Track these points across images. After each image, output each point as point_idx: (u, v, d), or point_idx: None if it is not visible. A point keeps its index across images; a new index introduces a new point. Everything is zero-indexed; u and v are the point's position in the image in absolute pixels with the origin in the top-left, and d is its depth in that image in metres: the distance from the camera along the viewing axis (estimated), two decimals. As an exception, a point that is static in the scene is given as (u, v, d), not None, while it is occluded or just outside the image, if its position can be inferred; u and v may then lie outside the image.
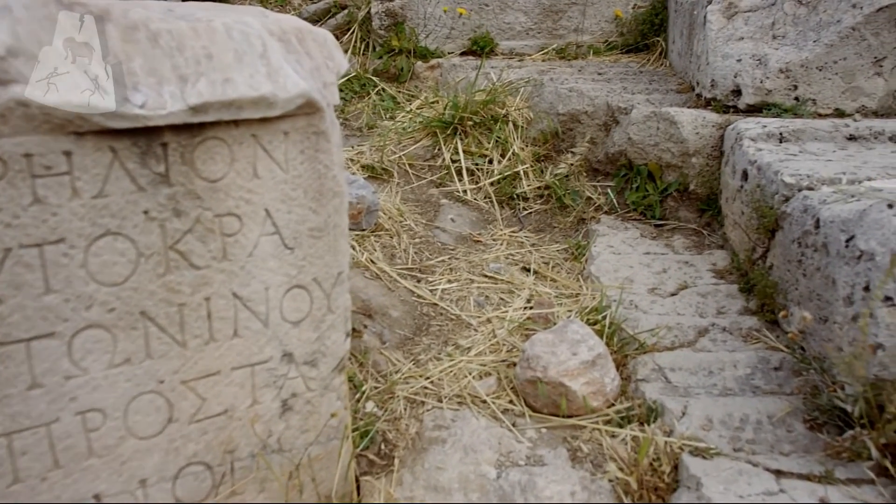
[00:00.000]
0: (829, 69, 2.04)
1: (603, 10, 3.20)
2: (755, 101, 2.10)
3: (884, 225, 1.22)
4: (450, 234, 2.37)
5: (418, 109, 3.07)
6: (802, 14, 2.08)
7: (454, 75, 3.15)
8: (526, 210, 2.52)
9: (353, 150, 2.72)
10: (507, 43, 3.25)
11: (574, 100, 2.58)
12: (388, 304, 1.90)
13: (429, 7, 3.23)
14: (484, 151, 2.69)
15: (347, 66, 1.30)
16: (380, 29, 3.29)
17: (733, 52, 2.14)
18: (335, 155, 1.17)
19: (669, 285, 1.91)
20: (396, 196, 2.53)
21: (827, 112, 2.07)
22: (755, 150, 1.87)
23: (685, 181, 2.21)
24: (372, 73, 3.28)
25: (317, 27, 1.29)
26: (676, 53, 2.83)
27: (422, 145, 2.79)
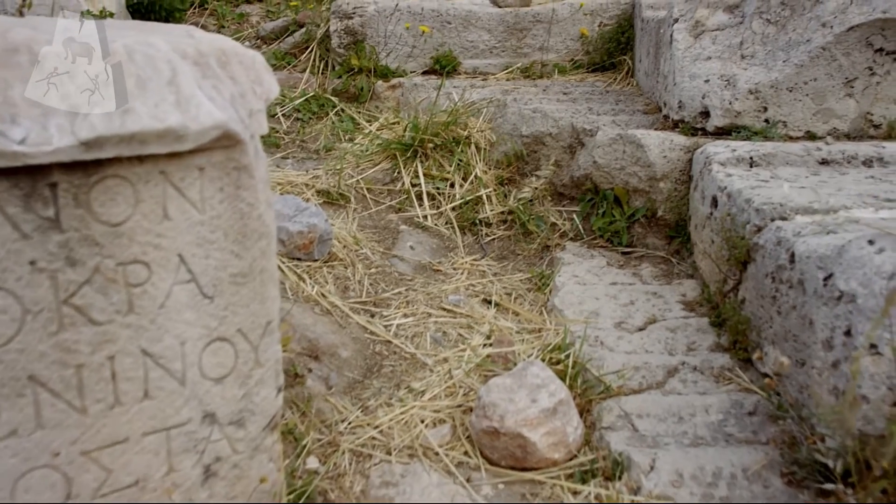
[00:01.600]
0: (799, 90, 1.96)
1: (568, 29, 3.11)
2: (724, 123, 2.01)
3: (865, 263, 1.12)
4: (408, 264, 2.25)
5: (378, 131, 2.95)
6: (771, 33, 2.00)
7: (416, 95, 3.04)
8: (488, 237, 2.41)
9: (309, 174, 2.60)
10: (471, 62, 3.15)
11: (538, 121, 2.48)
12: (337, 343, 1.77)
13: (389, 25, 3.13)
14: (445, 175, 2.58)
15: (278, 91, 1.17)
16: (339, 47, 3.18)
17: (701, 73, 2.05)
18: (260, 192, 1.05)
19: (637, 319, 1.80)
20: (353, 223, 2.40)
21: (798, 134, 1.99)
22: (725, 176, 1.77)
23: (653, 207, 2.12)
24: (331, 92, 3.16)
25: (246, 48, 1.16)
26: (643, 73, 2.75)
27: (381, 168, 2.67)
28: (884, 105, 1.97)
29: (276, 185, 2.47)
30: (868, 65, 1.93)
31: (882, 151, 1.84)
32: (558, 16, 3.10)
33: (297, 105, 3.11)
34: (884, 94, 1.96)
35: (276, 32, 3.49)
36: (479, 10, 3.12)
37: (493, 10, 3.13)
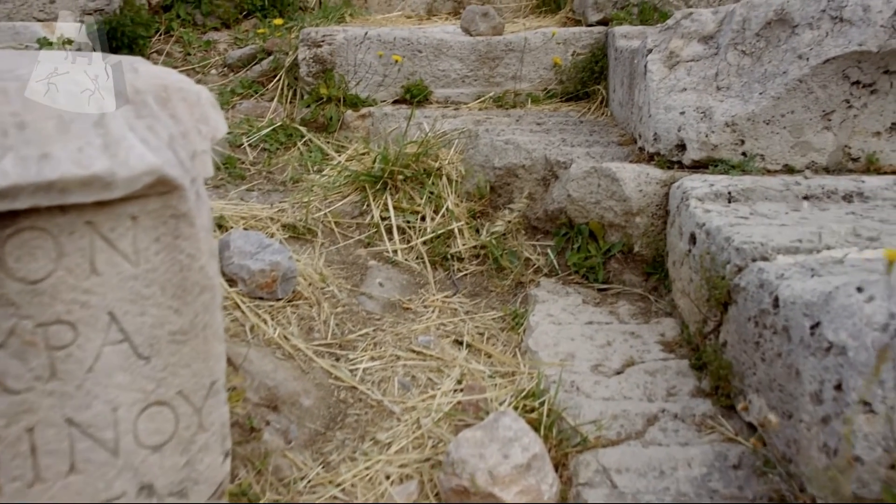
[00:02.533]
0: (776, 123, 1.91)
1: (541, 58, 3.06)
2: (701, 156, 1.95)
3: (854, 313, 1.05)
4: (377, 302, 2.16)
5: (347, 161, 2.87)
6: (747, 65, 1.95)
7: (386, 125, 2.97)
8: (460, 272, 2.33)
9: (274, 207, 2.50)
10: (442, 91, 3.09)
11: (511, 153, 2.41)
12: (299, 391, 1.67)
13: (359, 53, 3.06)
14: (416, 208, 2.50)
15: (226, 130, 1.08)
16: (307, 76, 3.10)
17: (676, 105, 2.00)
18: (202, 241, 0.95)
19: (615, 361, 1.72)
20: (320, 258, 2.31)
21: (776, 168, 1.94)
22: (703, 212, 1.71)
23: (629, 242, 2.05)
24: (299, 122, 3.08)
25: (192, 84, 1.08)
26: (617, 103, 2.70)
27: (350, 201, 2.59)
28: (862, 138, 1.92)
29: (240, 220, 2.37)
30: (845, 97, 1.88)
31: (862, 186, 1.79)
32: (531, 45, 3.05)
33: (264, 135, 3.02)
34: (861, 127, 1.91)
35: (243, 60, 3.41)
36: (450, 39, 3.06)
37: (464, 38, 3.07)
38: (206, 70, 3.44)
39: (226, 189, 2.69)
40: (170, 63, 3.43)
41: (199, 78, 3.38)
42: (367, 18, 3.96)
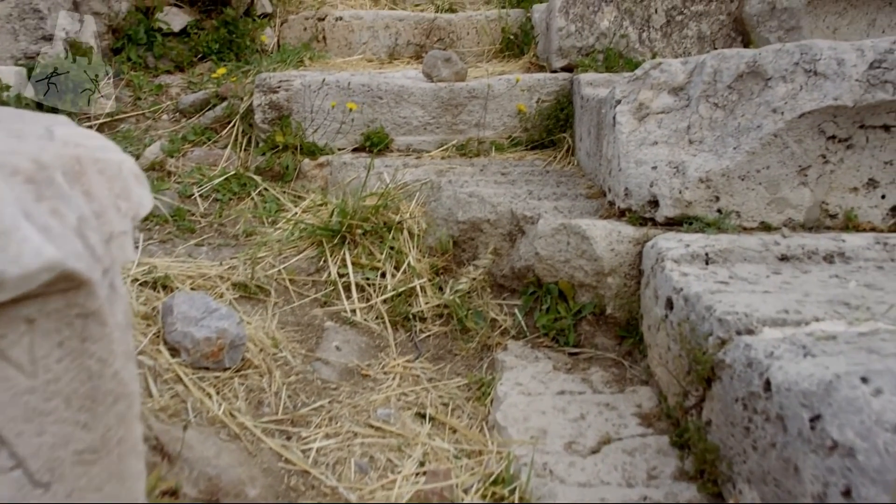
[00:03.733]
0: (751, 179, 1.82)
1: (505, 105, 2.98)
2: (675, 213, 1.86)
3: (860, 409, 0.94)
4: (333, 368, 2.01)
5: (304, 213, 2.73)
6: (719, 118, 1.88)
7: (345, 174, 2.84)
8: (423, 333, 2.20)
9: (225, 264, 2.35)
10: (404, 139, 2.98)
11: (475, 206, 2.30)
12: (244, 478, 1.51)
13: (317, 100, 2.94)
14: (376, 264, 2.36)
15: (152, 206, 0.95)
16: (263, 123, 2.97)
17: (648, 159, 1.91)
18: (117, 342, 0.81)
19: (590, 437, 1.59)
20: (272, 320, 2.16)
21: (752, 225, 1.85)
22: (680, 276, 1.61)
23: (601, 303, 1.94)
24: (254, 171, 2.94)
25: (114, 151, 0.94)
26: (584, 152, 2.61)
27: (306, 256, 2.45)
28: (839, 194, 1.85)
29: (187, 279, 2.22)
30: (821, 152, 1.81)
31: (843, 246, 1.70)
32: (495, 91, 2.97)
33: (217, 185, 2.87)
34: (838, 183, 1.84)
35: (196, 106, 3.27)
36: (412, 86, 2.96)
37: (426, 85, 2.98)
38: (158, 115, 3.29)
39: (173, 244, 2.53)
40: (119, 108, 3.28)
41: (150, 124, 3.23)
42: (328, 62, 3.86)
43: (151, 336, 1.87)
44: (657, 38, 3.07)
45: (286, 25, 4.07)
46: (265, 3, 4.07)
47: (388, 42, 4.06)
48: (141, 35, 3.62)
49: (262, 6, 4.05)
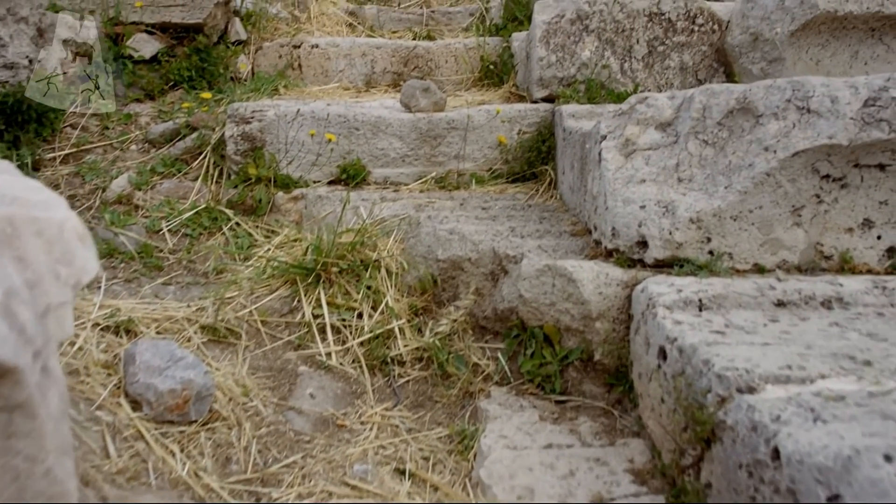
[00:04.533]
0: (744, 219, 1.75)
1: (485, 136, 2.90)
2: (665, 255, 1.78)
3: (887, 492, 0.85)
4: (307, 418, 1.90)
5: (278, 249, 2.63)
6: (709, 155, 1.81)
7: (320, 208, 2.74)
8: (402, 377, 2.09)
9: (193, 305, 2.23)
10: (381, 171, 2.89)
11: (455, 244, 2.21)
12: (208, 549, 1.39)
13: (291, 131, 2.85)
14: (352, 304, 2.26)
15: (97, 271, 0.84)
16: (235, 154, 2.87)
17: (635, 197, 1.83)
18: (49, 436, 0.71)
19: (580, 496, 1.50)
20: (243, 365, 2.05)
21: (745, 267, 1.78)
22: (673, 324, 1.52)
23: (589, 348, 1.85)
24: (225, 204, 2.83)
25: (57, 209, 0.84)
26: (567, 186, 2.54)
27: (279, 296, 2.34)
28: (834, 235, 1.78)
29: (153, 323, 2.10)
30: (815, 192, 1.75)
31: (840, 291, 1.63)
32: (474, 123, 2.89)
33: (186, 219, 2.76)
34: (833, 223, 1.77)
35: (166, 136, 3.16)
36: (389, 116, 2.88)
37: (404, 115, 2.90)
38: (126, 146, 3.18)
39: (139, 283, 2.41)
40: (85, 138, 3.16)
41: (118, 154, 3.11)
42: (303, 90, 3.77)
43: (112, 388, 1.75)
44: (639, 68, 3.02)
45: (261, 53, 3.98)
46: (239, 29, 3.98)
47: (365, 70, 3.99)
48: (110, 63, 3.51)
49: (236, 33, 3.96)
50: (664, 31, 3.01)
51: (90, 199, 2.81)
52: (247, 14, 4.14)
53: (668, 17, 3.01)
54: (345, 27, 4.96)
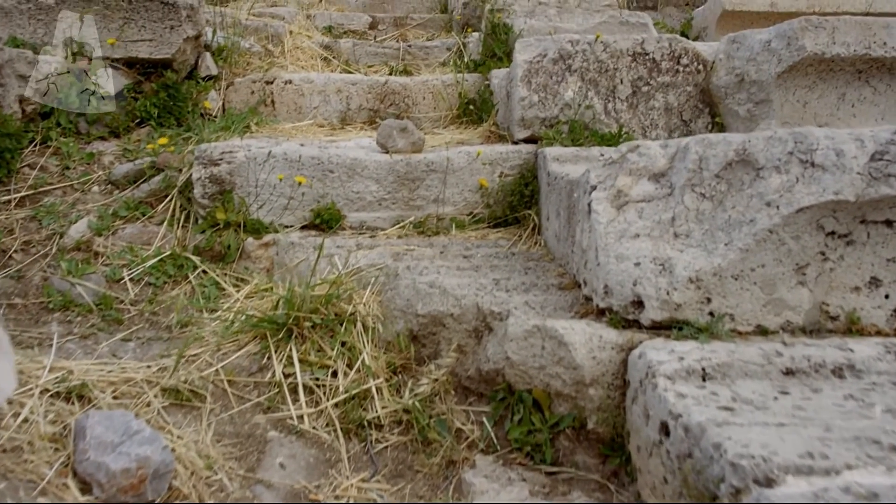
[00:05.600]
0: (746, 278, 1.65)
1: (466, 179, 2.79)
2: (662, 317, 1.66)
3: None
4: (277, 492, 1.75)
5: (247, 299, 2.48)
6: (707, 209, 1.70)
7: (292, 256, 2.60)
8: (379, 443, 1.95)
9: (154, 366, 2.07)
10: (357, 215, 2.76)
11: (436, 298, 2.08)
12: None
13: (262, 173, 2.72)
14: (326, 361, 2.12)
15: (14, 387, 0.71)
16: (203, 198, 2.73)
17: (629, 254, 1.72)
18: None
19: (577, 590, 1.36)
20: (208, 431, 1.89)
21: (747, 329, 1.67)
22: (675, 397, 1.40)
23: (581, 415, 1.73)
24: (192, 251, 2.68)
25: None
26: (553, 234, 2.43)
27: (247, 352, 2.19)
28: (840, 294, 1.68)
29: (109, 386, 1.94)
30: (820, 249, 1.65)
31: (851, 357, 1.53)
32: (454, 165, 2.78)
33: (150, 267, 2.60)
34: (839, 282, 1.67)
35: (130, 177, 3.01)
36: (365, 158, 2.76)
37: (381, 157, 2.78)
38: (87, 187, 3.02)
39: (96, 339, 2.24)
40: (44, 179, 3.00)
41: (78, 196, 2.95)
42: (276, 127, 3.64)
43: (59, 466, 1.58)
44: (623, 108, 2.94)
45: (232, 89, 3.85)
46: (210, 64, 3.85)
47: (340, 107, 3.87)
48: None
49: (206, 68, 3.83)
50: (648, 71, 2.94)
51: (46, 246, 2.65)
52: (218, 48, 4.02)
53: (653, 56, 2.93)
54: (320, 61, 4.85)
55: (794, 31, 2.68)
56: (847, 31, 2.68)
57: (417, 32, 5.96)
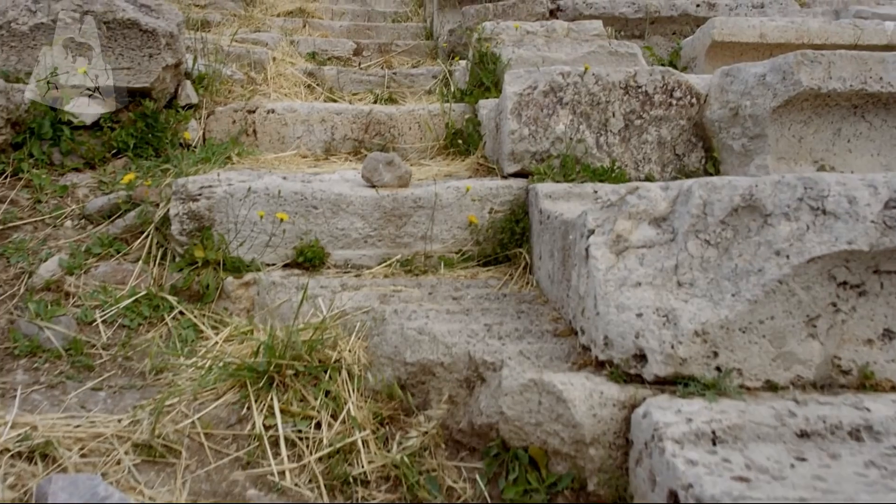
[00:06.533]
0: (754, 331, 1.56)
1: (455, 216, 2.70)
2: (667, 372, 1.57)
3: None
4: (255, 560, 1.63)
5: (226, 343, 2.36)
6: (712, 257, 1.62)
7: (274, 296, 2.49)
8: (366, 501, 1.83)
9: (126, 419, 1.95)
10: (341, 252, 2.66)
11: (425, 346, 1.98)
12: None
13: (243, 209, 2.61)
14: (309, 412, 2.01)
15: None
16: (181, 235, 2.61)
17: (631, 304, 1.63)
18: None
19: None
20: (182, 491, 1.77)
21: (756, 385, 1.58)
22: (686, 464, 1.31)
23: (581, 476, 1.62)
24: (169, 290, 2.56)
25: None
26: (546, 274, 2.34)
27: (225, 402, 2.07)
28: (852, 347, 1.60)
29: (76, 444, 1.81)
30: (831, 300, 1.57)
31: (869, 417, 1.44)
32: (443, 201, 2.69)
33: (124, 308, 2.48)
34: (851, 335, 1.59)
35: (105, 211, 2.89)
36: (351, 194, 2.66)
37: (367, 193, 2.68)
38: (60, 221, 2.90)
39: (64, 389, 2.12)
40: (14, 213, 2.87)
41: (50, 232, 2.83)
42: (258, 158, 3.54)
43: (17, 539, 1.46)
44: (615, 142, 2.87)
45: (213, 118, 3.75)
46: (190, 93, 3.75)
47: (325, 137, 3.78)
48: (46, 129, 3.24)
49: (186, 96, 3.73)
50: (641, 104, 2.87)
51: (14, 286, 2.52)
52: (199, 76, 3.92)
53: (645, 89, 2.87)
54: (303, 88, 4.77)
55: (790, 66, 2.63)
56: (843, 65, 2.63)
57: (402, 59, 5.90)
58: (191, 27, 5.21)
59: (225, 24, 6.07)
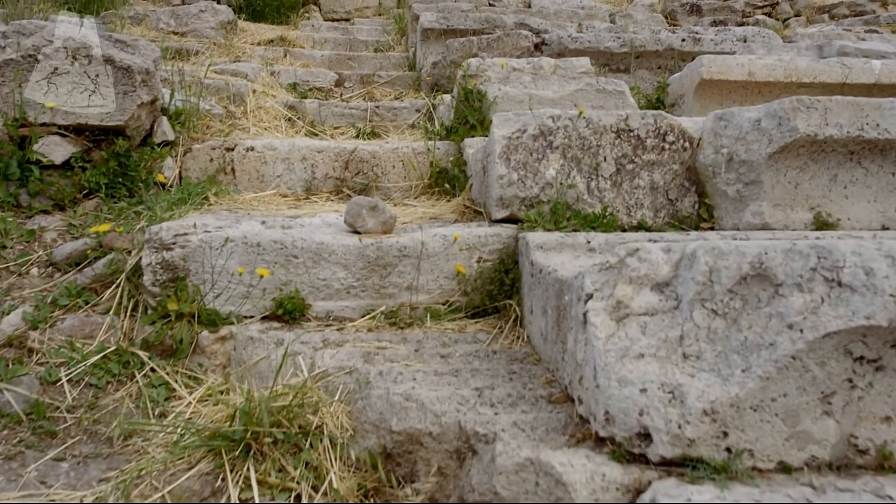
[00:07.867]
0: (766, 409, 1.46)
1: (441, 265, 2.59)
2: (674, 454, 1.46)
3: None
4: None
5: (201, 403, 2.23)
6: (720, 328, 1.52)
7: (251, 352, 2.36)
8: (350, 586, 1.70)
9: (88, 496, 1.81)
10: (323, 304, 2.54)
11: (413, 414, 1.86)
12: None
13: (219, 259, 2.49)
14: (289, 483, 1.88)
15: None
16: (153, 285, 2.48)
17: (634, 378, 1.52)
18: None
19: None
20: (149, 578, 1.63)
21: (768, 466, 1.48)
22: (701, 567, 1.19)
23: (582, 565, 1.51)
24: (140, 345, 2.43)
25: None
26: (538, 331, 2.23)
27: (199, 472, 1.93)
28: (869, 425, 1.50)
29: (32, 526, 1.67)
30: (847, 376, 1.48)
31: (892, 507, 1.34)
32: (429, 250, 2.58)
33: (92, 365, 2.34)
34: (867, 412, 1.50)
35: (73, 259, 2.75)
36: (333, 242, 2.55)
37: (350, 241, 2.57)
38: (26, 269, 2.75)
39: (23, 461, 1.97)
40: (-23, 260, 2.73)
41: (14, 281, 2.68)
42: (236, 198, 3.42)
43: None
44: (607, 187, 2.78)
45: (190, 155, 3.62)
46: (167, 129, 3.63)
47: (306, 175, 3.67)
48: (13, 169, 3.10)
49: (162, 133, 3.60)
50: (633, 148, 2.79)
51: (-26, 342, 2.37)
52: (176, 112, 3.80)
53: (637, 133, 2.79)
54: (284, 122, 4.66)
55: (786, 111, 2.56)
56: (839, 111, 2.57)
57: (385, 91, 5.82)
58: (169, 58, 5.09)
59: (204, 54, 5.96)
